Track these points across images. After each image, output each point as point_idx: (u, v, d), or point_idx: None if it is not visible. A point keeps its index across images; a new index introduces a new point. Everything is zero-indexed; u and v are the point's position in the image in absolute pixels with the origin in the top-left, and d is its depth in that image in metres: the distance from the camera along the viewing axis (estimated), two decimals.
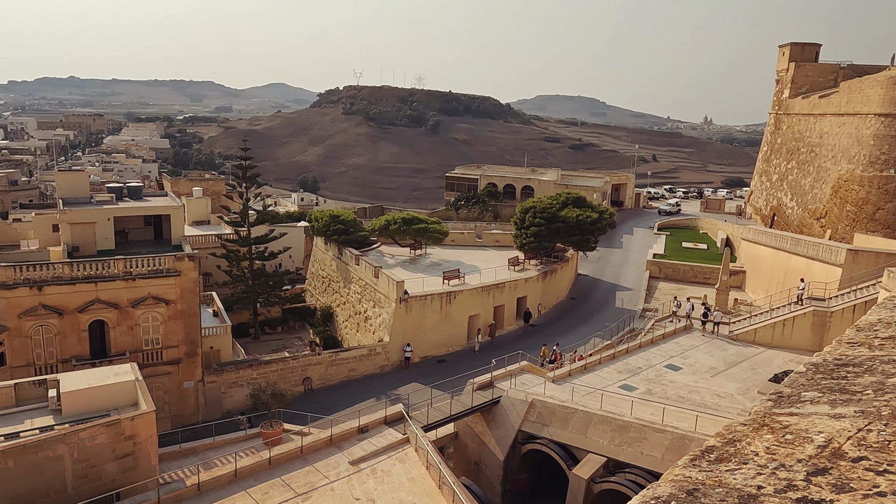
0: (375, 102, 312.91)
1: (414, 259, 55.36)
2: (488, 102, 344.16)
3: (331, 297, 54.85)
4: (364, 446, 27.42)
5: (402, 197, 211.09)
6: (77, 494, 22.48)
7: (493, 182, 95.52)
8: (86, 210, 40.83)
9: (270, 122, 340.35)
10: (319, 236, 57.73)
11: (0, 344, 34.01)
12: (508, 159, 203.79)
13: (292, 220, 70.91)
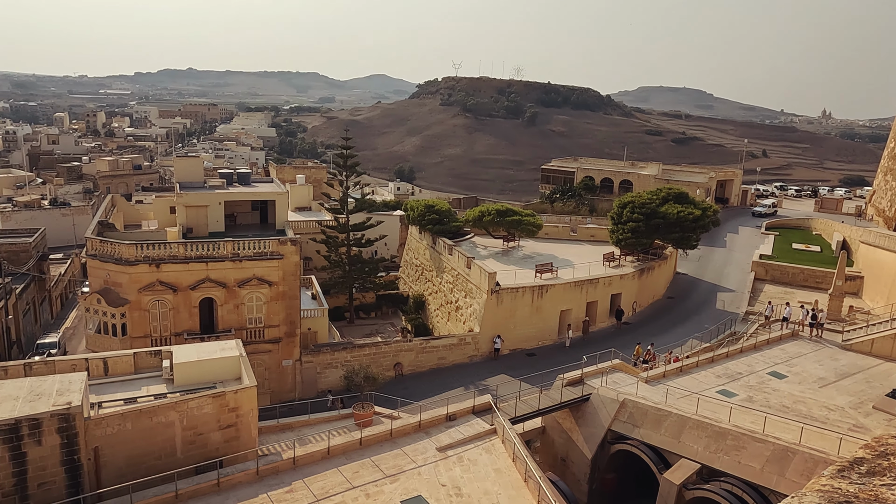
0: (473, 93, 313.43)
1: (506, 251, 55.22)
2: (588, 94, 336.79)
3: (423, 285, 55.70)
4: (451, 434, 27.73)
5: (496, 188, 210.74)
6: (185, 459, 24.09)
7: (590, 175, 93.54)
8: (200, 194, 43.43)
9: (370, 112, 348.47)
10: (414, 225, 58.68)
11: (122, 316, 36.92)
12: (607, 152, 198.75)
13: (388, 208, 72.47)
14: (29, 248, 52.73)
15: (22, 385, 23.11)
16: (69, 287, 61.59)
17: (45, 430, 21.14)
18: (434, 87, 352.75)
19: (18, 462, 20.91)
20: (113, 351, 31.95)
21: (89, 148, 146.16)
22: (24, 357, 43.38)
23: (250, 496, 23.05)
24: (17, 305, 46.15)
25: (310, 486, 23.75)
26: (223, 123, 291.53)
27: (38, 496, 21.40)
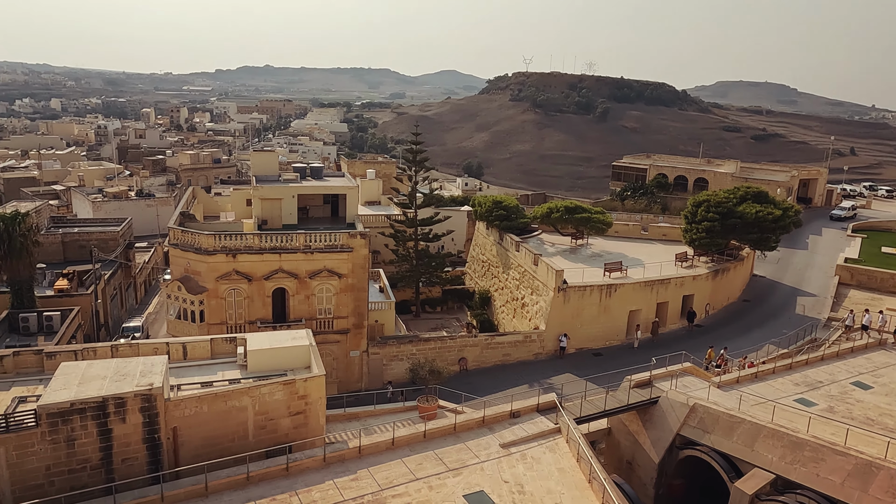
0: (543, 89, 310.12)
1: (574, 249, 54.46)
2: (662, 89, 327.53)
3: (489, 281, 55.65)
4: (515, 431, 27.64)
5: (565, 185, 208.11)
6: (256, 443, 24.99)
7: (664, 173, 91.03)
8: (274, 187, 44.81)
9: (440, 108, 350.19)
10: (481, 221, 58.66)
11: (201, 303, 38.56)
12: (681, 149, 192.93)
13: (456, 204, 72.70)
14: (117, 237, 55.76)
15: (109, 366, 24.50)
16: (152, 274, 64.82)
17: (130, 409, 22.35)
18: (504, 82, 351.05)
19: (105, 438, 22.20)
20: (191, 336, 33.49)
21: (173, 142, 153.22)
22: (111, 339, 45.96)
23: (317, 482, 23.68)
24: (106, 290, 48.91)
25: (374, 475, 24.19)
26: (297, 119, 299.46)
27: (122, 471, 22.66)
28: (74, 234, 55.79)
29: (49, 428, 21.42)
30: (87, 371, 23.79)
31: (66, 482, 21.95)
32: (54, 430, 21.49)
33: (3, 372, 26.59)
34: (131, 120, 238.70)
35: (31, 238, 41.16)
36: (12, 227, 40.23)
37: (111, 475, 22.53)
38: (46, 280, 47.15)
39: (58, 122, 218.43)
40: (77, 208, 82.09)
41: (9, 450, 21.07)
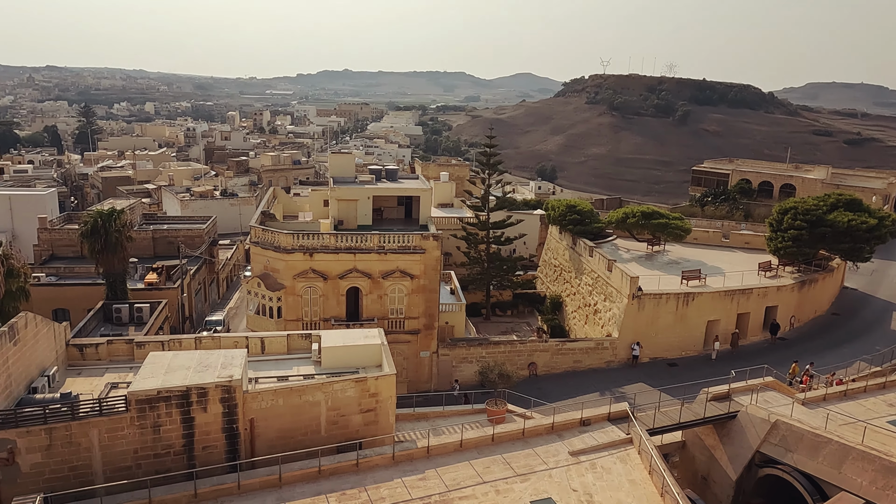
0: (621, 91, 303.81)
1: (650, 255, 53.06)
2: (747, 91, 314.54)
3: (561, 286, 54.96)
4: (585, 439, 27.17)
5: (641, 190, 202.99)
6: (328, 438, 25.60)
7: (747, 178, 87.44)
8: (351, 188, 45.80)
9: (514, 111, 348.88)
10: (554, 225, 58.02)
11: (278, 299, 39.86)
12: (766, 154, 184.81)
13: (529, 207, 72.21)
14: (202, 234, 58.41)
15: (192, 357, 25.68)
16: (234, 271, 67.53)
17: (211, 399, 23.36)
18: (580, 85, 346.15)
19: (188, 425, 23.28)
20: (269, 332, 34.64)
21: (255, 144, 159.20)
22: (195, 332, 48.15)
23: (385, 479, 24.02)
24: (191, 285, 51.33)
25: (442, 475, 24.31)
26: (374, 122, 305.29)
27: (202, 457, 23.70)
28: (164, 230, 58.79)
29: (137, 413, 22.66)
30: (173, 361, 25.01)
31: (152, 466, 23.14)
32: (142, 416, 22.72)
33: (98, 359, 28.32)
34: (217, 123, 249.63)
35: (125, 234, 43.66)
36: (108, 223, 42.80)
37: (192, 461, 23.61)
38: (138, 274, 49.88)
39: (151, 124, 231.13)
40: (167, 206, 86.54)
41: (101, 432, 22.42)
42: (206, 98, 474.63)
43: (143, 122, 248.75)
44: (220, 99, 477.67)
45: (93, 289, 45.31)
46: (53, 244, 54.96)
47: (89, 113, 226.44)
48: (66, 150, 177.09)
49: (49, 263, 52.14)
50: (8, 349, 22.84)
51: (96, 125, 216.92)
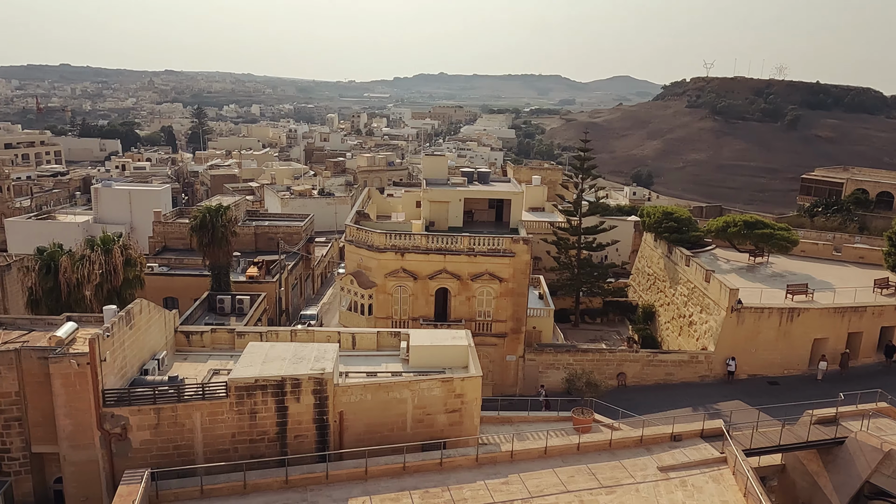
0: (725, 95, 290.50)
1: (752, 267, 50.43)
2: (866, 94, 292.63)
3: (654, 295, 53.25)
4: (675, 455, 26.21)
5: (744, 198, 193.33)
6: (414, 435, 25.99)
7: (864, 188, 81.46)
8: (443, 190, 46.29)
9: (610, 114, 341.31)
10: (649, 232, 56.29)
11: (370, 297, 40.88)
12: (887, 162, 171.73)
13: (622, 213, 70.40)
14: (300, 231, 60.79)
15: (288, 348, 26.79)
16: (328, 267, 69.86)
17: (304, 390, 24.28)
18: (681, 88, 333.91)
19: (282, 414, 24.30)
20: (360, 328, 35.56)
21: (352, 145, 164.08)
22: (290, 325, 50.18)
23: (468, 481, 24.12)
24: (288, 280, 53.54)
25: (525, 481, 24.15)
26: (467, 125, 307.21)
27: (294, 446, 24.67)
28: (265, 227, 61.64)
29: (236, 399, 23.88)
30: (270, 352, 26.19)
31: (247, 450, 24.32)
32: (241, 402, 23.92)
33: (202, 346, 30.06)
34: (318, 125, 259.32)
35: (230, 229, 46.16)
36: (216, 219, 45.39)
37: (284, 449, 24.63)
38: (240, 267, 52.57)
39: (256, 125, 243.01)
40: (268, 204, 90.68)
41: (203, 415, 23.79)
42: (308, 101, 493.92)
43: (249, 124, 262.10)
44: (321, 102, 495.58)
45: (199, 280, 48.19)
46: (166, 237, 58.83)
47: (201, 114, 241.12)
48: (179, 149, 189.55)
49: (161, 254, 55.85)
50: (124, 332, 24.65)
51: (207, 126, 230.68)
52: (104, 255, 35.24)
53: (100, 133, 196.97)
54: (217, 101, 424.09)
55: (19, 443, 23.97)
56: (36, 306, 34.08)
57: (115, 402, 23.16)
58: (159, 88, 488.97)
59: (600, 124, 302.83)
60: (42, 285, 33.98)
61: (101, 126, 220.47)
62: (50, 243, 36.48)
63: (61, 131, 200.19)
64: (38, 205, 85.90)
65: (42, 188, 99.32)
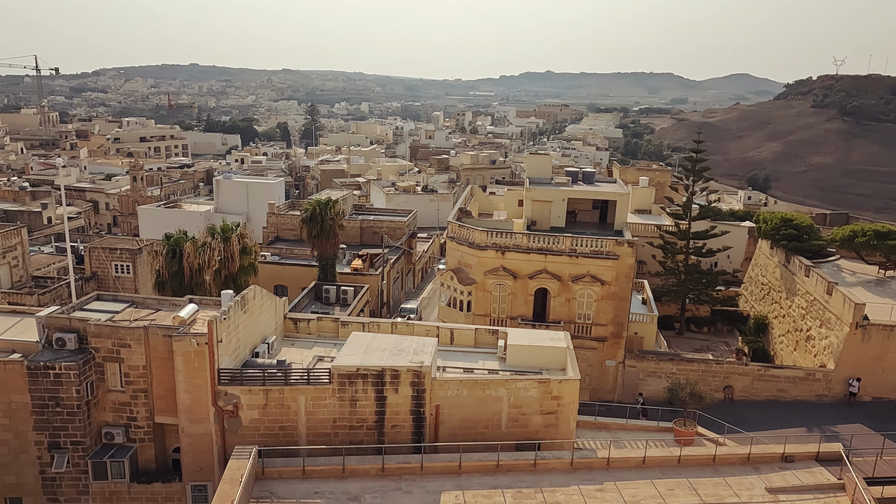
0: (856, 94, 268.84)
1: (882, 281, 46.44)
2: None
3: (768, 306, 50.24)
4: (786, 477, 24.65)
5: (875, 205, 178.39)
6: (508, 434, 25.96)
7: None
8: (546, 190, 45.83)
9: (726, 114, 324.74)
10: (765, 239, 53.14)
11: (469, 294, 41.16)
12: None
13: (735, 218, 66.90)
14: (403, 226, 62.10)
15: (388, 340, 27.49)
16: (429, 263, 70.94)
17: (402, 381, 24.84)
18: (806, 86, 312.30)
19: (380, 403, 25.00)
20: (458, 324, 35.88)
21: (456, 143, 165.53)
22: (391, 317, 51.40)
23: (562, 484, 23.80)
24: (390, 273, 54.87)
25: (621, 490, 23.54)
26: (572, 124, 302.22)
27: (391, 435, 25.30)
28: (370, 221, 63.43)
29: (339, 386, 24.79)
30: (372, 342, 26.97)
31: (347, 436, 25.20)
32: (342, 389, 24.81)
33: (308, 333, 31.39)
34: (423, 122, 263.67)
35: (338, 222, 47.91)
36: (325, 212, 47.24)
37: (382, 438, 25.30)
38: (345, 259, 54.41)
39: (365, 123, 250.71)
40: (374, 198, 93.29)
41: (307, 399, 24.87)
42: (415, 99, 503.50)
43: (358, 121, 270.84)
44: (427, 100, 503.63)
45: (307, 269, 50.36)
46: (278, 227, 61.85)
47: (314, 112, 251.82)
48: (293, 144, 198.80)
49: (273, 244, 58.76)
50: (239, 316, 26.19)
51: (319, 123, 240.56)
52: (223, 243, 37.58)
53: (222, 128, 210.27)
54: (329, 98, 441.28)
55: (144, 413, 26.06)
56: (162, 288, 36.86)
57: (228, 381, 24.67)
58: (277, 86, 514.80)
59: (714, 124, 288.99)
60: (168, 269, 36.69)
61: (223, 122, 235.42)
62: (176, 230, 39.34)
63: (188, 126, 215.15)
64: (167, 194, 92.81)
65: (170, 179, 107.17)
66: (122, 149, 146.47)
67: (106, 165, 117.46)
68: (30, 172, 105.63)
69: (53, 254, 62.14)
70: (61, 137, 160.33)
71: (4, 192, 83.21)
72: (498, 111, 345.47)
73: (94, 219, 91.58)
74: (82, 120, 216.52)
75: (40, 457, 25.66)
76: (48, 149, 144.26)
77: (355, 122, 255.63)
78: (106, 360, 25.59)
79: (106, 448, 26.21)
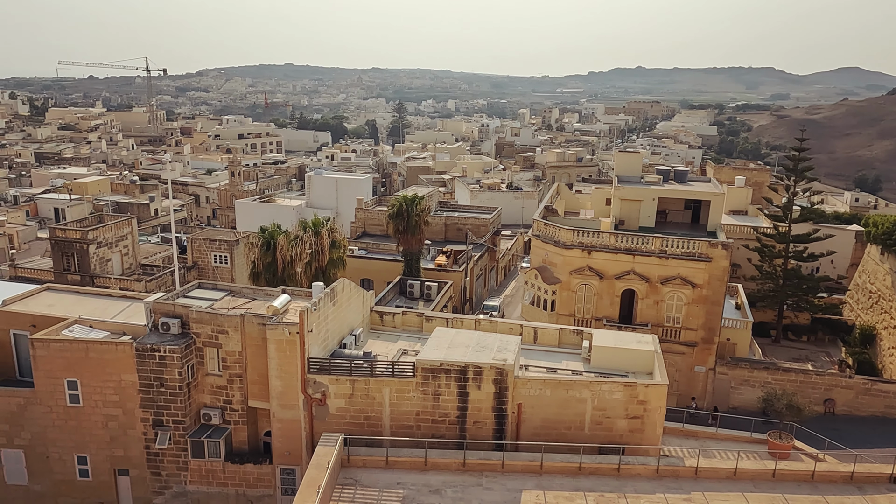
0: None
1: None
2: None
3: (877, 316, 46.91)
4: (894, 499, 22.99)
5: None
6: (591, 437, 25.52)
7: None
8: (635, 188, 44.68)
9: (832, 111, 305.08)
10: (875, 244, 49.60)
11: (553, 293, 40.73)
12: None
13: (841, 221, 62.78)
14: (487, 224, 62.13)
15: (472, 336, 27.61)
16: (512, 261, 70.69)
17: (485, 378, 24.91)
18: None
19: (463, 399, 25.17)
20: (542, 323, 35.58)
21: (542, 140, 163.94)
22: (473, 314, 51.59)
23: (647, 491, 23.18)
24: (474, 270, 55.05)
25: (709, 500, 22.71)
26: (664, 121, 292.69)
27: (472, 431, 25.43)
28: (454, 217, 63.85)
29: (422, 380, 25.15)
30: (455, 338, 27.18)
31: (429, 430, 25.53)
32: (426, 383, 25.16)
33: (393, 326, 32.00)
34: (509, 119, 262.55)
35: (423, 218, 48.56)
36: (411, 208, 48.00)
37: (463, 433, 25.48)
38: (430, 255, 55.09)
39: (451, 120, 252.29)
40: (458, 195, 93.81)
41: (392, 391, 25.38)
42: (501, 96, 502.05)
43: (444, 118, 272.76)
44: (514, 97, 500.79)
45: (393, 264, 51.31)
46: (366, 222, 63.31)
47: (401, 109, 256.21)
48: (380, 141, 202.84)
49: (361, 239, 60.25)
50: (328, 308, 27.03)
51: (406, 120, 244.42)
52: (314, 237, 38.90)
53: (314, 126, 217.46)
54: (416, 96, 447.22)
55: (239, 396, 27.38)
56: (256, 278, 38.57)
57: (317, 370, 25.53)
58: (366, 85, 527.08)
59: (819, 121, 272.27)
60: (262, 260, 38.36)
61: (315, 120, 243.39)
62: (270, 223, 41.04)
63: (282, 124, 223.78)
64: (262, 189, 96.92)
65: (265, 174, 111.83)
66: (221, 145, 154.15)
67: (207, 161, 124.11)
68: (139, 167, 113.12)
69: (159, 243, 66.29)
70: (167, 134, 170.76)
71: (117, 186, 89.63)
72: (585, 108, 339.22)
73: (196, 211, 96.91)
74: (186, 118, 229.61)
75: (145, 433, 27.45)
76: (156, 145, 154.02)
77: (441, 120, 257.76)
78: (205, 344, 27.06)
79: (203, 428, 27.71)
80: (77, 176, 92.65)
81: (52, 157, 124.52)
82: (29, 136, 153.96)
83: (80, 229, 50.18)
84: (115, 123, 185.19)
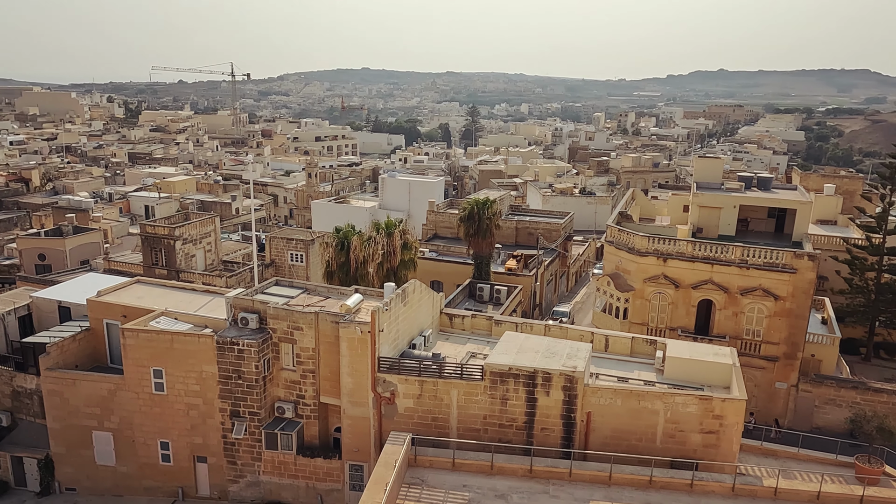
0: None
1: None
2: None
3: None
4: None
5: None
6: (663, 450, 24.82)
7: None
8: (715, 195, 43.14)
9: None
10: None
11: (626, 301, 39.86)
12: None
13: None
14: (559, 229, 61.45)
15: (541, 342, 27.38)
16: (583, 266, 69.57)
17: (554, 385, 24.65)
18: None
19: (531, 404, 24.99)
20: (614, 331, 34.87)
21: (617, 145, 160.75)
22: (543, 319, 51.09)
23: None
24: (544, 275, 54.53)
25: None
26: (746, 125, 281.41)
27: (540, 437, 25.20)
28: (526, 222, 63.45)
29: (490, 384, 25.14)
30: (524, 343, 27.04)
31: (496, 434, 25.48)
32: (494, 387, 25.13)
33: (462, 329, 32.12)
34: (583, 123, 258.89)
35: (494, 221, 48.48)
36: (482, 211, 48.02)
37: (530, 439, 25.29)
38: (500, 259, 54.90)
39: (524, 124, 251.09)
40: (530, 199, 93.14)
41: (460, 393, 25.48)
42: (575, 99, 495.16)
43: (517, 122, 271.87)
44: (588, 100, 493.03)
45: (463, 267, 51.46)
46: (437, 225, 63.78)
47: (475, 113, 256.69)
48: (453, 144, 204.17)
49: (432, 241, 60.70)
50: (399, 308, 27.42)
51: (479, 124, 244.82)
52: (386, 238, 39.52)
53: (388, 129, 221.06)
54: (490, 100, 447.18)
55: (311, 392, 28.12)
56: (330, 277, 39.52)
57: (387, 369, 25.93)
58: (440, 88, 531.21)
59: None
60: (336, 259, 39.27)
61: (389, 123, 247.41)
62: (344, 224, 41.98)
63: (358, 127, 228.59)
64: (337, 190, 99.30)
65: (340, 176, 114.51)
66: (299, 147, 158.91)
67: (285, 162, 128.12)
68: (223, 167, 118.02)
69: (240, 241, 68.93)
70: (249, 136, 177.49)
71: (202, 185, 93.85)
72: (663, 112, 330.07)
73: (274, 211, 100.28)
74: (267, 121, 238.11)
75: (223, 423, 28.60)
76: (238, 146, 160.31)
77: (514, 123, 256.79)
78: (281, 340, 27.95)
79: (277, 421, 28.64)
80: (166, 175, 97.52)
81: (143, 157, 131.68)
82: (123, 137, 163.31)
83: (168, 226, 52.82)
84: (202, 126, 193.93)
